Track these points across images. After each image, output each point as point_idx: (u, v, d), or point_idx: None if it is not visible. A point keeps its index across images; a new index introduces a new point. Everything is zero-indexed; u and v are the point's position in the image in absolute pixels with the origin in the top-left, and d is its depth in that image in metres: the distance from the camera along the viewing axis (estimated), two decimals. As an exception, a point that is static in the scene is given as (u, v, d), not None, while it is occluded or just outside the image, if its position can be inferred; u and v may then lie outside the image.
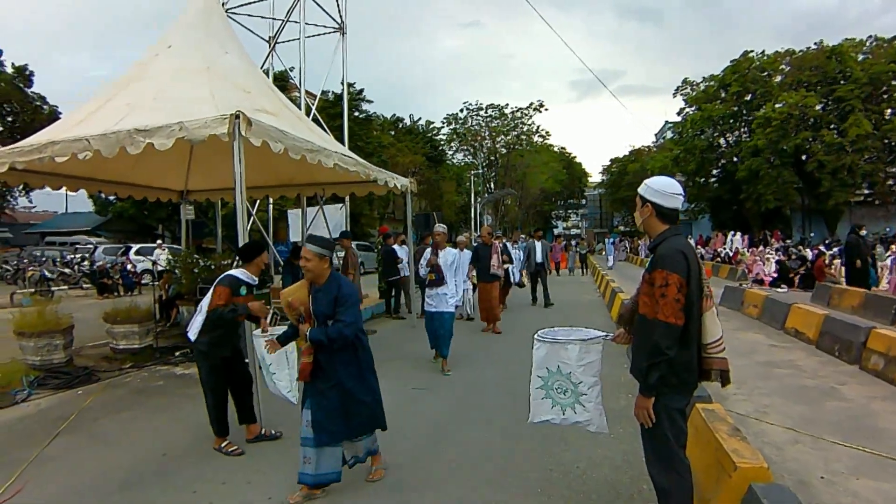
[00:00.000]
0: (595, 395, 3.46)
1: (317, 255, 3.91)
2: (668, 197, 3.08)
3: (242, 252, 5.17)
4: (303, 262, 3.93)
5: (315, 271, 3.93)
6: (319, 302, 3.93)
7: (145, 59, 7.72)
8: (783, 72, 38.39)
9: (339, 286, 3.95)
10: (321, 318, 3.92)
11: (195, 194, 11.90)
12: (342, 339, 3.82)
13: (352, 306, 3.92)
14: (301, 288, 4.06)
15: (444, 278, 7.84)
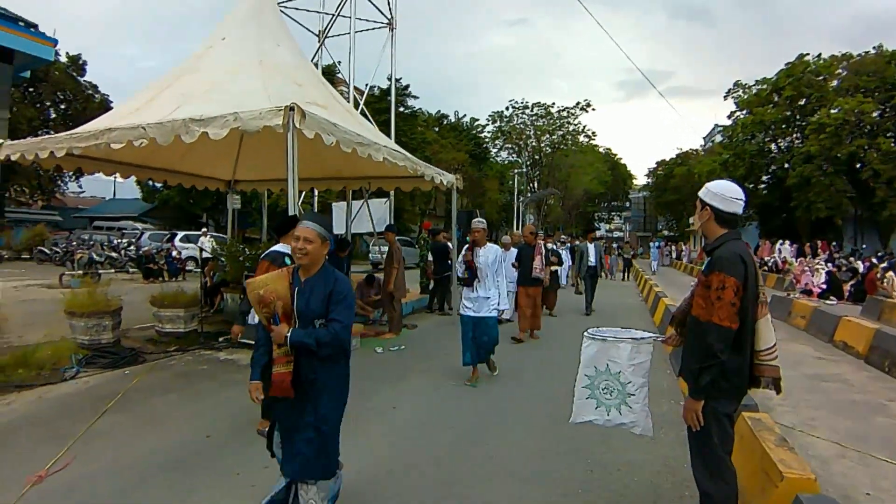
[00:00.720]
0: (642, 397, 3.45)
1: (319, 235, 3.17)
2: (728, 201, 3.06)
3: (278, 227, 5.32)
4: (301, 245, 3.13)
5: (313, 256, 3.17)
6: (308, 297, 3.16)
7: (200, 51, 7.89)
8: (839, 76, 37.34)
9: (336, 279, 3.23)
10: (308, 319, 3.14)
11: (242, 184, 12.12)
12: (336, 345, 3.12)
13: (349, 305, 3.22)
14: (279, 279, 3.24)
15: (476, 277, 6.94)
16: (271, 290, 3.17)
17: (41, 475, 4.04)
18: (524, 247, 10.09)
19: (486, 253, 6.94)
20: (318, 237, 3.15)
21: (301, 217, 3.35)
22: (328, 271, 3.26)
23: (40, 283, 15.80)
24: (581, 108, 55.80)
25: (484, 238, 7.03)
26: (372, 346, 9.02)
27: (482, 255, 6.93)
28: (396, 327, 10.08)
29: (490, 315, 6.91)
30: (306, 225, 3.19)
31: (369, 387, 6.73)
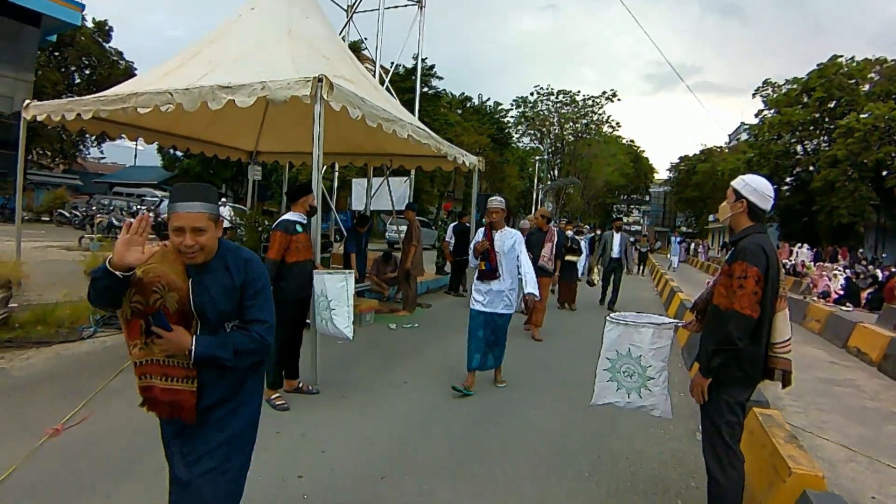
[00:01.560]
0: (662, 381, 3.52)
1: (210, 217, 2.24)
2: (764, 198, 3.16)
3: (290, 194, 5.43)
4: (189, 241, 2.20)
5: (209, 250, 2.27)
6: (208, 291, 2.27)
7: (229, 19, 7.89)
8: (872, 80, 36.78)
9: (247, 261, 2.37)
10: (215, 320, 2.29)
11: (264, 156, 12.17)
12: (261, 351, 2.35)
13: (269, 296, 2.41)
14: (167, 259, 2.27)
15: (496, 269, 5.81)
16: (157, 272, 2.22)
17: (58, 429, 4.12)
18: (535, 231, 9.16)
19: (502, 238, 5.88)
20: (210, 219, 2.23)
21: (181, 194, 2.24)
22: (230, 250, 2.37)
23: (60, 245, 15.94)
24: (607, 98, 55.52)
25: (502, 220, 5.96)
26: (386, 322, 9.09)
27: (498, 241, 5.86)
28: (411, 305, 10.12)
29: (505, 312, 5.89)
30: (190, 208, 2.20)
31: (383, 361, 6.82)
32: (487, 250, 5.77)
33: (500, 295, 5.81)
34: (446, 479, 3.91)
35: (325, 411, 4.97)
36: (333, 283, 5.07)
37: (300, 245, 5.04)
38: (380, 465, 4.02)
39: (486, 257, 5.81)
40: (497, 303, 5.82)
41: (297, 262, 5.02)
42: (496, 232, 5.89)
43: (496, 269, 5.78)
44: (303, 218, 5.18)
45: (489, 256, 5.77)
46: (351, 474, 3.83)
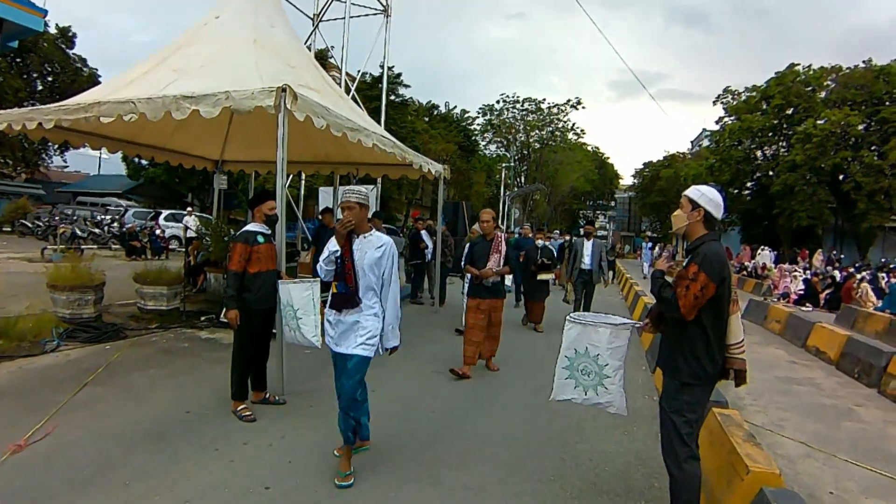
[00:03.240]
0: (618, 379, 3.60)
1: None
2: (719, 207, 3.30)
3: (250, 202, 5.43)
4: None
5: None
6: None
7: (194, 27, 7.84)
8: (828, 88, 37.75)
9: None
10: None
11: (230, 165, 12.06)
12: None
13: None
14: None
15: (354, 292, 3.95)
16: None
17: (21, 444, 4.06)
18: (478, 241, 7.34)
19: (364, 246, 3.96)
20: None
21: None
22: None
23: (21, 256, 15.61)
24: (571, 106, 56.06)
25: (365, 221, 4.03)
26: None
27: (358, 251, 3.94)
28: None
29: (355, 353, 3.93)
30: None
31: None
32: (344, 264, 3.92)
33: (354, 328, 3.94)
34: (412, 485, 3.94)
35: (293, 421, 4.95)
36: (299, 291, 5.05)
37: (262, 255, 5.01)
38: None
39: (340, 273, 3.96)
40: (349, 339, 3.95)
41: (260, 272, 5.00)
42: (357, 238, 3.97)
43: (353, 293, 3.90)
44: (264, 228, 5.16)
45: (344, 272, 3.91)
46: (317, 483, 3.83)
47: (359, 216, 3.93)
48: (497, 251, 7.04)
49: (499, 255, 7.03)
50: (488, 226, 7.15)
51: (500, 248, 7.08)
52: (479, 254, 7.11)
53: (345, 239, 3.90)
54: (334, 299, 3.97)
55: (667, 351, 3.36)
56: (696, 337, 3.17)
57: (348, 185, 6.02)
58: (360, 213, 3.93)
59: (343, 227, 3.87)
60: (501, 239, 7.19)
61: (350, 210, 3.88)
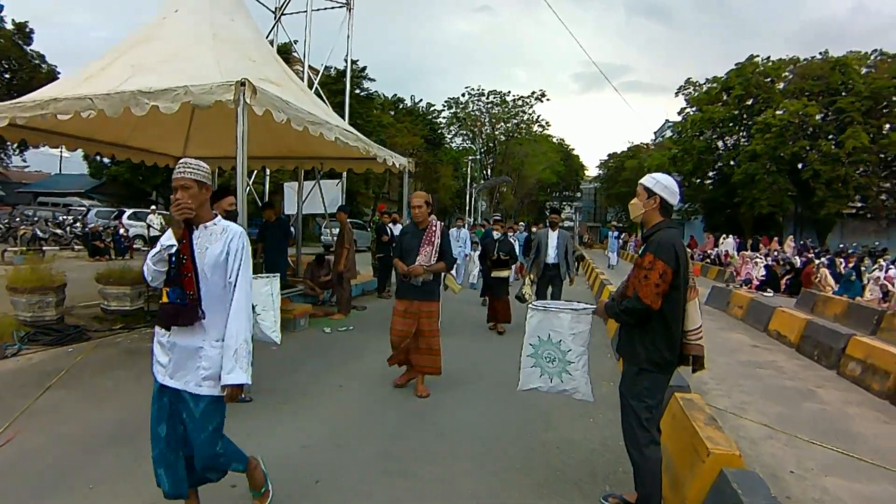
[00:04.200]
0: (582, 365, 3.65)
1: None
2: (674, 194, 3.34)
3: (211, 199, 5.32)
4: None
5: None
6: None
7: (152, 21, 7.71)
8: (786, 79, 38.55)
9: None
10: None
11: (193, 161, 11.89)
12: None
13: None
14: None
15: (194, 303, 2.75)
16: None
17: (-19, 450, 3.99)
18: (409, 230, 6.08)
19: (205, 239, 2.93)
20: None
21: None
22: None
23: (-20, 258, 15.23)
24: (536, 98, 56.48)
25: (206, 205, 2.99)
26: (320, 326, 9.05)
27: (198, 245, 2.90)
28: (345, 308, 10.08)
29: (201, 393, 2.92)
30: None
31: (317, 366, 6.78)
32: (180, 263, 2.85)
33: (197, 355, 2.91)
34: (382, 479, 3.95)
35: (259, 419, 4.93)
36: (258, 287, 4.99)
37: None
38: (315, 469, 4.01)
39: (174, 276, 2.87)
40: (189, 371, 2.93)
41: None
42: (196, 229, 2.94)
43: (193, 304, 2.85)
44: None
45: (180, 274, 2.85)
46: (285, 481, 3.80)
47: (198, 198, 2.89)
48: (430, 243, 5.79)
49: (431, 247, 5.77)
50: (420, 212, 5.85)
51: (433, 239, 5.81)
52: (409, 246, 5.85)
53: (182, 229, 2.84)
54: (163, 312, 2.91)
55: (626, 338, 3.40)
56: (655, 323, 3.21)
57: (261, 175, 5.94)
58: (199, 194, 2.90)
59: (179, 213, 2.80)
60: (436, 229, 5.87)
61: (185, 190, 2.84)
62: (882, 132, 34.12)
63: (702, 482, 3.17)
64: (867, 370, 7.27)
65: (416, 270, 5.67)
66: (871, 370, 7.19)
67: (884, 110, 34.77)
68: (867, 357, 7.38)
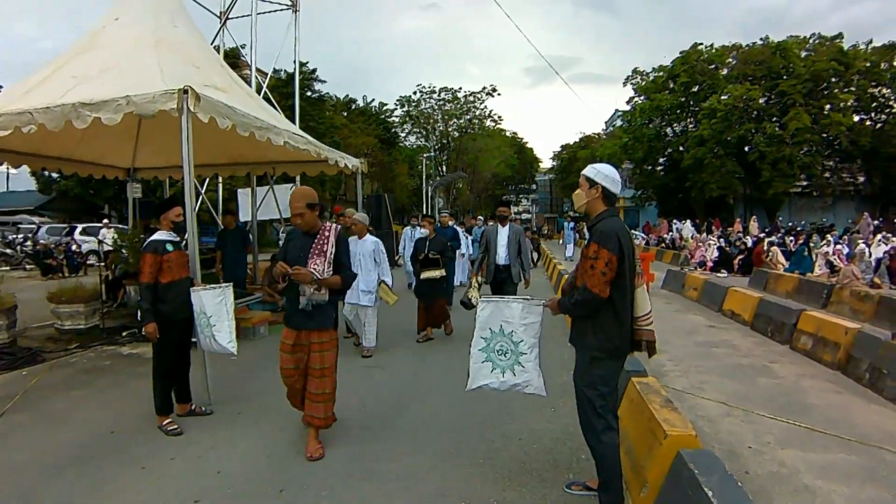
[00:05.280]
0: (534, 357, 3.67)
1: None
2: (616, 183, 3.40)
3: (155, 210, 5.38)
4: None
5: None
6: None
7: (93, 30, 7.54)
8: (730, 65, 39.40)
9: None
10: None
11: (143, 172, 11.63)
12: None
13: None
14: None
15: None
16: None
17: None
18: (294, 236, 4.52)
19: None
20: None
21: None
22: None
23: (-78, 283, 14.68)
24: (487, 94, 56.75)
25: None
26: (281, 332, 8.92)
27: None
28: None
29: None
30: None
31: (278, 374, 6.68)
32: None
33: None
34: (347, 482, 3.94)
35: (221, 431, 4.87)
36: (211, 298, 4.93)
37: (173, 264, 4.90)
38: (278, 478, 3.98)
39: None
40: None
41: (172, 281, 4.89)
42: None
43: None
44: (173, 236, 5.04)
45: None
46: (249, 492, 3.78)
47: None
48: (320, 253, 4.32)
49: (323, 258, 4.31)
50: (304, 219, 4.34)
51: (325, 247, 4.34)
52: (294, 257, 4.34)
53: None
54: None
55: (577, 327, 3.44)
56: (605, 312, 3.26)
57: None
58: None
59: None
60: (330, 235, 4.39)
61: None
62: (823, 113, 35.15)
63: (661, 464, 3.23)
64: (818, 343, 7.49)
65: (303, 275, 4.18)
66: (822, 343, 7.42)
67: (824, 92, 35.85)
68: (818, 330, 7.60)
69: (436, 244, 8.67)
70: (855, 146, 34.86)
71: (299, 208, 4.31)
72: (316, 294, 4.31)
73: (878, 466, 4.22)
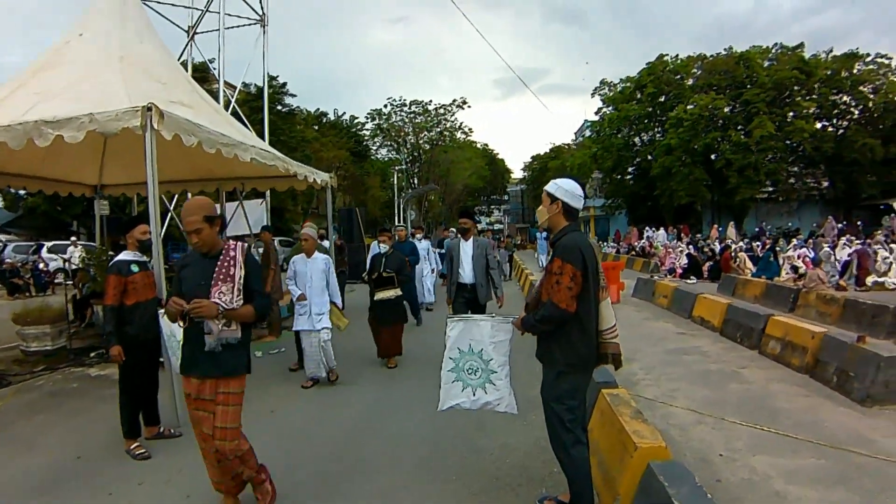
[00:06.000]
0: (505, 375, 3.69)
1: None
2: (577, 198, 3.42)
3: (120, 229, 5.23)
4: None
5: None
6: None
7: (56, 46, 7.43)
8: (695, 75, 40.11)
9: None
10: None
11: (110, 189, 11.47)
12: None
13: None
14: None
15: None
16: None
17: None
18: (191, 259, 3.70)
19: None
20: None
21: None
22: None
23: None
24: (458, 106, 56.94)
25: None
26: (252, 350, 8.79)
27: None
28: (276, 330, 9.92)
29: None
30: None
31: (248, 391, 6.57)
32: None
33: None
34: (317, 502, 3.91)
35: (190, 454, 4.69)
36: None
37: (138, 285, 4.82)
38: (249, 501, 3.91)
39: None
40: None
41: (138, 303, 4.81)
42: None
43: None
44: (138, 256, 4.97)
45: None
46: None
47: None
48: (226, 278, 3.46)
49: (231, 284, 3.46)
50: (201, 238, 3.49)
51: (231, 271, 3.49)
52: (190, 287, 3.49)
53: None
54: None
55: (543, 342, 3.44)
56: (571, 326, 3.27)
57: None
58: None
59: None
60: (236, 255, 3.56)
61: None
62: (787, 120, 35.85)
63: (632, 476, 3.24)
64: (786, 347, 7.56)
65: (207, 309, 3.30)
66: (790, 347, 7.49)
67: (787, 100, 36.69)
68: (786, 335, 7.68)
69: (392, 261, 7.87)
70: (818, 152, 35.66)
71: (195, 223, 3.45)
72: (226, 331, 3.41)
73: (847, 470, 4.26)
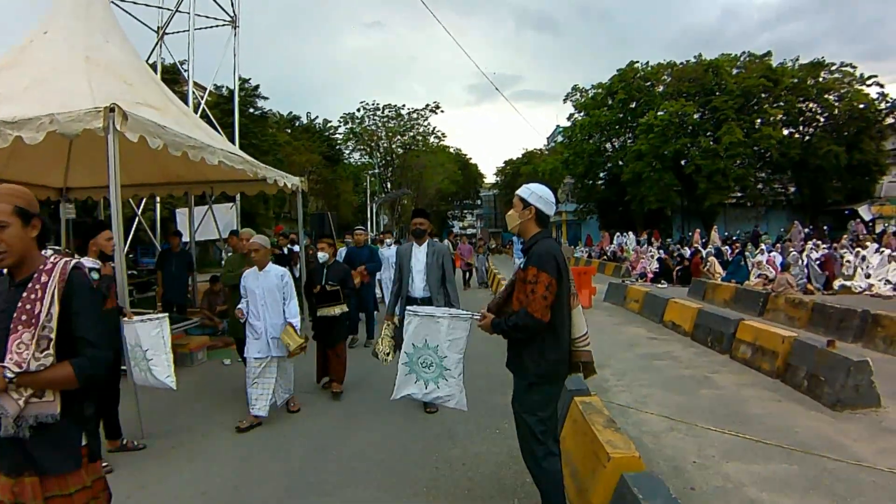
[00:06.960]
0: (458, 372, 3.61)
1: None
2: (549, 204, 3.34)
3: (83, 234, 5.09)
4: None
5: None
6: None
7: (19, 45, 7.21)
8: (665, 82, 40.45)
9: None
10: None
11: (77, 192, 11.17)
12: None
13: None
14: None
15: None
16: None
17: None
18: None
19: None
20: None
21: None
22: None
23: None
24: (431, 111, 56.90)
25: None
26: (220, 357, 8.63)
27: None
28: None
29: None
30: None
31: (215, 402, 6.44)
32: None
33: None
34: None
35: (154, 467, 4.63)
36: (147, 331, 4.69)
37: None
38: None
39: None
40: None
41: None
42: None
43: None
44: (96, 263, 4.76)
45: None
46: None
47: None
48: (29, 321, 2.11)
49: (34, 330, 2.10)
50: (17, 241, 2.25)
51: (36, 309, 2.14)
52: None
53: None
54: None
55: (514, 351, 3.38)
56: (543, 335, 3.20)
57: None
58: None
59: None
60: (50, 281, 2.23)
61: None
62: (755, 127, 36.33)
63: (605, 487, 3.21)
64: (757, 352, 7.62)
65: None
66: (760, 351, 7.55)
67: (755, 107, 37.21)
68: (756, 339, 7.74)
69: (334, 272, 6.76)
70: (785, 158, 36.19)
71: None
72: (35, 404, 2.10)
73: (820, 475, 4.28)
